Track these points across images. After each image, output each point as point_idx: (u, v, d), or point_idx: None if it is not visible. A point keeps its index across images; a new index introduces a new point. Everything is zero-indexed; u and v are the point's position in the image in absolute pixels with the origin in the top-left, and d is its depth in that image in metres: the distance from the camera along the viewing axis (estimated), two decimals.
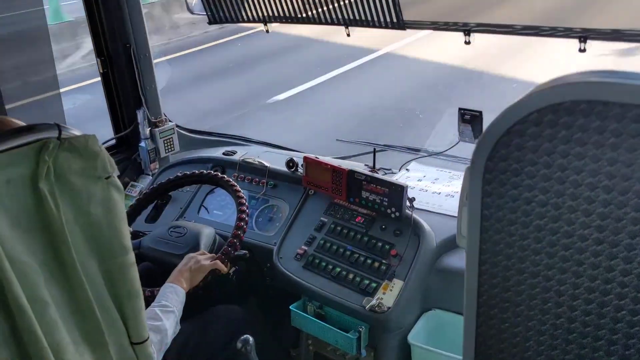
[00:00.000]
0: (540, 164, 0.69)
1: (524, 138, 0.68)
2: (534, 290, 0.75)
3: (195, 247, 2.14)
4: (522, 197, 0.71)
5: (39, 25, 2.92)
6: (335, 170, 2.25)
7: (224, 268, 2.02)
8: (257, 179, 2.58)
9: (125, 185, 2.82)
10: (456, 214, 1.74)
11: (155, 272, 2.15)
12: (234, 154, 2.76)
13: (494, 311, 0.78)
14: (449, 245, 2.08)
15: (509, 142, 0.69)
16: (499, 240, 0.75)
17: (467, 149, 2.32)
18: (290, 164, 2.50)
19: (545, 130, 0.67)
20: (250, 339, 1.85)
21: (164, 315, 1.73)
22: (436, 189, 2.37)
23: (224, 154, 2.78)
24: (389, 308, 1.95)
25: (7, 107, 2.40)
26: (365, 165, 2.49)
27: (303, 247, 2.23)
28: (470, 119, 2.16)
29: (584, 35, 1.77)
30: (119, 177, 2.76)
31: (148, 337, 1.23)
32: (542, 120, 0.67)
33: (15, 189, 0.97)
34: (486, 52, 7.45)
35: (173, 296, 1.83)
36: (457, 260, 2.04)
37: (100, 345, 1.13)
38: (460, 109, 2.15)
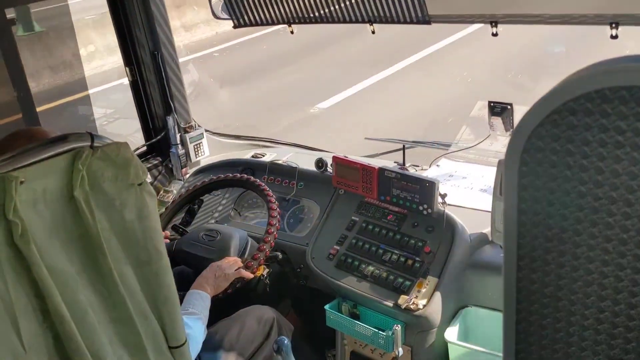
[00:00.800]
0: (577, 154, 0.67)
1: (560, 128, 0.66)
2: (575, 284, 0.73)
3: (226, 252, 2.16)
4: (560, 189, 0.69)
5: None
6: (365, 168, 2.24)
7: (249, 276, 2.03)
8: (287, 181, 2.58)
9: (158, 191, 2.85)
10: (489, 209, 1.73)
11: (188, 275, 2.18)
12: (263, 156, 2.77)
13: (534, 307, 0.76)
14: (483, 240, 2.05)
15: (545, 133, 0.67)
16: (537, 234, 0.73)
17: (498, 142, 2.29)
18: (320, 164, 2.50)
19: (582, 119, 0.65)
20: (286, 340, 1.86)
21: (192, 322, 1.74)
22: (468, 184, 2.34)
23: (253, 156, 2.79)
24: (424, 306, 1.93)
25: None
26: (395, 162, 2.48)
27: (335, 246, 2.22)
28: (500, 111, 2.13)
29: (615, 22, 1.73)
30: (151, 183, 2.81)
31: (186, 341, 1.24)
32: (579, 108, 0.65)
33: (51, 199, 0.99)
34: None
35: (199, 302, 1.85)
36: (492, 255, 2.02)
37: (139, 349, 1.14)
38: (490, 102, 2.12)
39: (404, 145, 2.47)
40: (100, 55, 7.90)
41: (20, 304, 0.96)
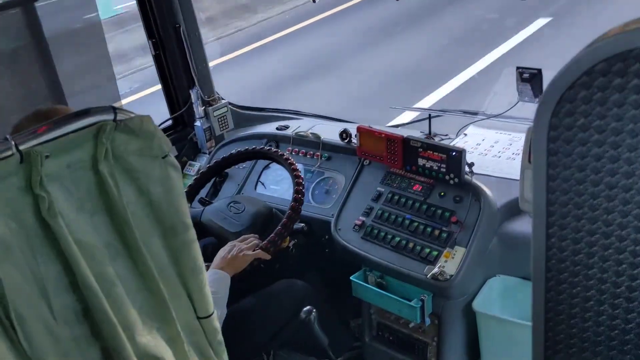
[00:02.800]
0: (609, 117, 0.64)
1: (591, 90, 0.63)
2: (606, 252, 0.71)
3: (251, 224, 2.16)
4: (591, 154, 0.67)
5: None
6: (390, 138, 2.21)
7: (267, 256, 2.02)
8: (311, 152, 2.57)
9: (183, 164, 2.87)
10: (518, 177, 1.70)
11: (213, 246, 2.20)
12: (287, 128, 2.76)
13: (563, 275, 0.75)
14: (512, 209, 2.02)
15: (575, 96, 0.65)
16: (567, 200, 0.71)
17: (527, 109, 2.24)
18: (344, 135, 2.48)
19: (614, 80, 0.62)
20: (314, 310, 1.87)
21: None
22: (496, 152, 2.30)
23: (277, 128, 2.78)
24: (451, 276, 1.92)
25: None
26: (421, 132, 2.45)
27: (361, 217, 2.21)
28: (529, 77, 2.07)
29: None
30: (177, 156, 2.82)
31: (214, 312, 1.25)
32: (610, 69, 0.62)
33: (77, 173, 0.99)
34: None
35: (218, 282, 1.86)
36: (521, 224, 1.99)
37: (168, 321, 1.16)
38: (518, 68, 2.07)
39: (429, 114, 2.43)
40: None
41: (49, 276, 0.98)
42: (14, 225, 0.93)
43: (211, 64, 2.95)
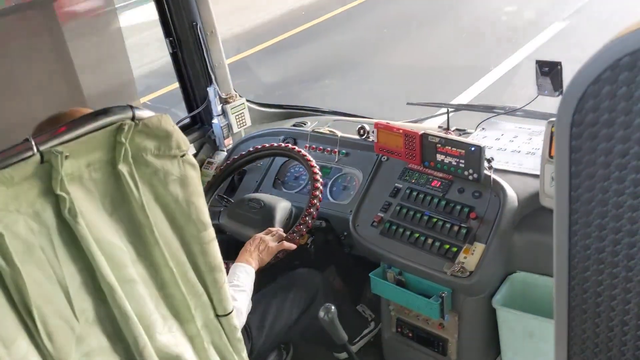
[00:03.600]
0: (634, 113, 0.63)
1: (616, 85, 0.62)
2: (632, 250, 0.70)
3: (270, 221, 2.17)
4: (615, 150, 0.65)
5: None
6: (408, 134, 2.20)
7: (291, 247, 2.04)
8: (329, 149, 2.56)
9: (201, 162, 2.88)
10: (538, 172, 1.67)
11: (233, 245, 2.21)
12: (305, 124, 2.76)
13: (587, 274, 0.73)
14: (532, 204, 1.99)
15: (599, 91, 0.63)
16: (590, 198, 0.69)
17: (547, 104, 2.21)
18: (362, 131, 2.47)
19: None
20: (332, 307, 1.86)
21: (238, 295, 1.77)
22: (515, 147, 2.27)
23: (294, 125, 2.78)
24: (471, 272, 1.91)
25: None
26: (439, 127, 2.43)
27: (379, 214, 2.20)
28: (548, 71, 2.04)
29: None
30: (195, 155, 2.83)
31: (233, 309, 1.26)
32: (636, 63, 0.60)
33: (96, 173, 1.00)
34: None
35: (244, 275, 1.87)
36: (541, 220, 1.96)
37: (187, 319, 1.17)
38: (537, 61, 2.04)
39: (447, 109, 2.41)
40: None
41: (71, 276, 0.99)
42: (35, 226, 0.94)
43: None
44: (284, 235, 2.06)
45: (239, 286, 1.81)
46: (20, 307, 0.94)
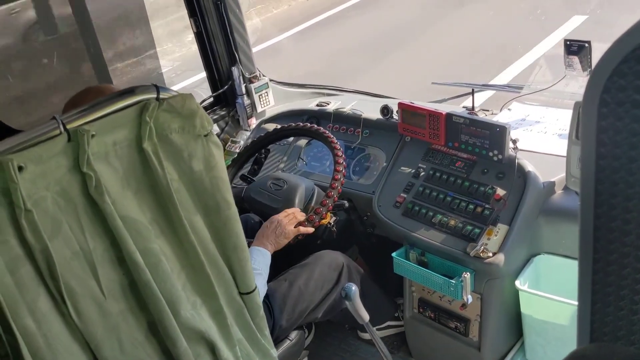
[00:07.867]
0: None
1: None
2: None
3: (293, 201, 2.17)
4: None
5: None
6: (432, 114, 2.18)
7: (308, 231, 2.02)
8: (352, 129, 2.56)
9: (225, 141, 2.90)
10: (564, 154, 1.65)
11: (254, 223, 2.22)
12: (328, 104, 2.75)
13: (612, 257, 0.73)
14: (558, 186, 1.97)
15: (628, 71, 0.62)
16: (617, 180, 0.68)
17: (575, 83, 2.17)
18: (385, 111, 2.45)
19: None
20: (354, 286, 1.87)
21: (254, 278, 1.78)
22: (541, 128, 2.24)
23: (317, 105, 2.77)
24: (494, 254, 1.90)
25: None
26: (464, 107, 2.40)
27: (402, 194, 2.20)
28: (577, 50, 2.00)
29: None
30: (218, 134, 2.84)
31: (256, 287, 1.27)
32: None
33: (122, 151, 1.01)
34: None
35: (260, 258, 1.88)
36: (566, 201, 1.94)
37: (211, 296, 1.18)
38: (565, 40, 2.00)
39: (472, 89, 2.38)
40: None
41: (97, 252, 1.01)
42: (62, 203, 0.96)
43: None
44: (302, 218, 2.05)
45: (255, 269, 1.82)
46: (49, 282, 0.96)
